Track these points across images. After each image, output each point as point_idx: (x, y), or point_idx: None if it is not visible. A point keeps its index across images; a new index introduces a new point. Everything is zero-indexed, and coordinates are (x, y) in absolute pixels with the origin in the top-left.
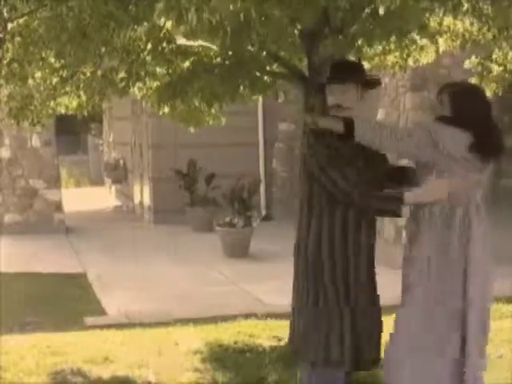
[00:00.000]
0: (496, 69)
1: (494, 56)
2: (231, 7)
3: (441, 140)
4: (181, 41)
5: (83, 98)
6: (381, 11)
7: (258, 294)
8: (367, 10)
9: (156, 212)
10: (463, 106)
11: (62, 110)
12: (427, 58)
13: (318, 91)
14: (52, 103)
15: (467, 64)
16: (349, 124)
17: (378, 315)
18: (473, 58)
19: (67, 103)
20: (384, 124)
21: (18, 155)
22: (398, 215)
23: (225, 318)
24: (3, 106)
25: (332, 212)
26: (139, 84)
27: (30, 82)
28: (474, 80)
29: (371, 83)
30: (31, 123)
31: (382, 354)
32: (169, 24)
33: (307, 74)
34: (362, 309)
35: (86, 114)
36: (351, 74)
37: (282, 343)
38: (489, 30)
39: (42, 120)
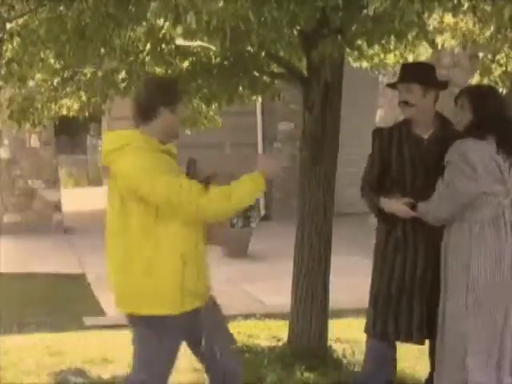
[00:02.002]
0: (498, 69)
1: (496, 57)
2: (230, 9)
3: (474, 156)
4: (180, 41)
5: (84, 99)
6: (370, 11)
7: (258, 294)
8: (366, 10)
9: None
10: (486, 107)
11: (64, 112)
12: (426, 54)
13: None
14: (53, 105)
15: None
16: (413, 207)
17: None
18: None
19: (69, 104)
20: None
21: (17, 155)
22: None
23: None
24: (4, 109)
25: None
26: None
27: (32, 83)
28: (474, 80)
29: (436, 85)
30: (32, 125)
31: None
32: (168, 24)
33: (306, 74)
34: None
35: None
36: (416, 74)
37: (281, 343)
38: (486, 30)
39: (43, 121)
